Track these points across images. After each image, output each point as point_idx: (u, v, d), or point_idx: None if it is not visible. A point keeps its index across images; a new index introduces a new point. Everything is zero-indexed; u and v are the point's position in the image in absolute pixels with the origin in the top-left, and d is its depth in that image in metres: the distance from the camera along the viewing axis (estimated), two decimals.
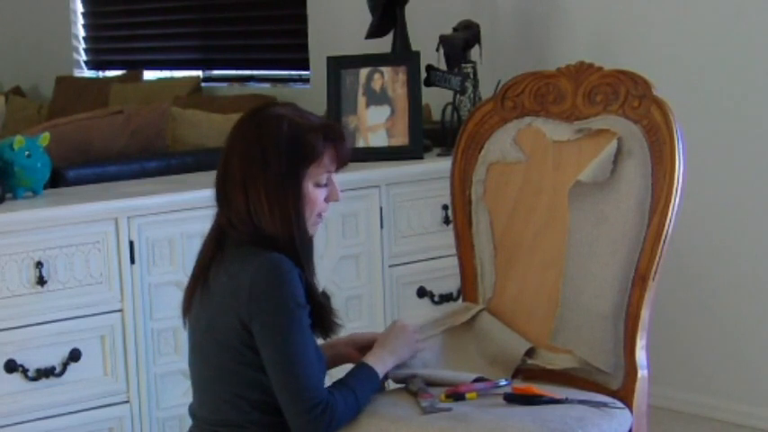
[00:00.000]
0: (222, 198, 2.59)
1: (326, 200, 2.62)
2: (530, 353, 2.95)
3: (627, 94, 2.90)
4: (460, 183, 3.09)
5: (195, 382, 2.66)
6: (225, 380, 2.56)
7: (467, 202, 3.08)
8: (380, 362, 2.70)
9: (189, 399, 2.69)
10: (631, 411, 2.77)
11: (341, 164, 2.62)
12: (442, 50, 4.45)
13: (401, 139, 4.25)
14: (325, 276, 3.93)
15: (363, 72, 4.30)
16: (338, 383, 2.61)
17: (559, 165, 2.97)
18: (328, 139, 2.58)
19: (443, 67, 4.41)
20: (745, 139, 4.19)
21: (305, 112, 2.63)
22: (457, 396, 2.71)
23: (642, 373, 2.81)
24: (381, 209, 4.03)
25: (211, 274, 2.59)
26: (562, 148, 2.97)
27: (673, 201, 2.79)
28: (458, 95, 4.38)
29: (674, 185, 2.78)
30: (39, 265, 3.35)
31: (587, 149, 2.92)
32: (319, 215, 2.62)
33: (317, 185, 2.58)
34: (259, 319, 2.49)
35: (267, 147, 2.53)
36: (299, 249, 2.55)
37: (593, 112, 2.96)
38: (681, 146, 2.81)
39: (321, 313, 2.61)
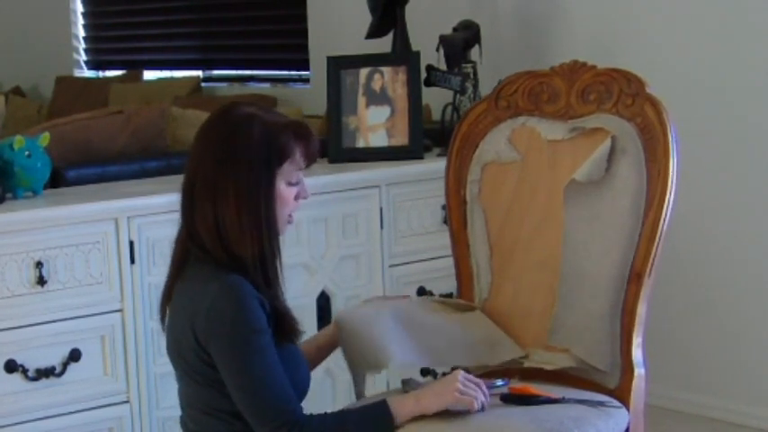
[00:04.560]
0: (188, 208, 2.53)
1: (296, 198, 2.57)
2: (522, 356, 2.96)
3: (620, 92, 2.91)
4: (455, 183, 3.09)
5: (179, 395, 2.64)
6: (201, 396, 2.54)
7: (462, 203, 3.08)
8: (406, 405, 2.51)
9: None
10: (628, 410, 2.78)
11: (311, 161, 2.59)
12: (442, 50, 4.45)
13: (401, 139, 4.26)
14: (326, 276, 3.95)
15: (363, 72, 4.30)
16: (338, 412, 2.55)
17: (554, 164, 2.97)
18: (299, 136, 2.54)
19: (443, 67, 4.41)
20: (742, 137, 4.19)
21: (270, 109, 2.61)
22: None
23: (639, 371, 2.81)
24: (381, 209, 4.03)
25: (176, 291, 2.57)
26: (557, 148, 2.97)
27: (667, 198, 2.79)
28: (458, 95, 4.38)
29: (668, 183, 2.79)
30: (39, 265, 3.36)
31: (582, 148, 2.92)
32: (290, 215, 2.58)
33: (289, 184, 2.55)
34: (215, 344, 2.46)
35: (239, 148, 2.48)
36: (267, 264, 2.50)
37: (587, 110, 2.96)
38: (674, 144, 2.81)
39: (286, 326, 2.55)
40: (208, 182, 2.49)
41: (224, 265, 2.48)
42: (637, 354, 2.82)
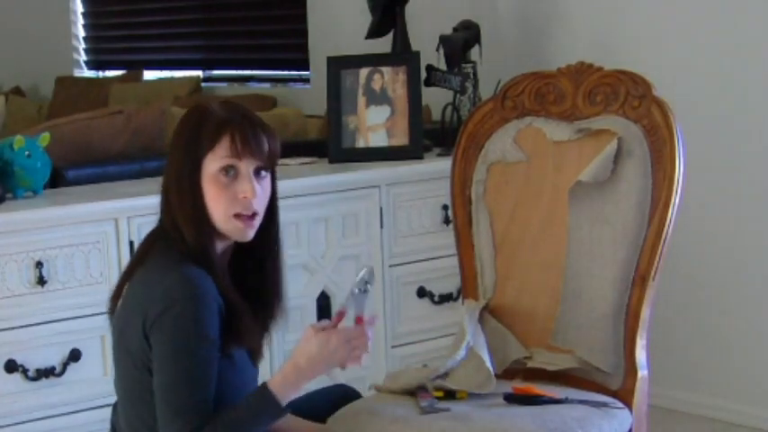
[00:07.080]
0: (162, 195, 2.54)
1: (241, 196, 2.45)
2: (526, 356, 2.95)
3: (627, 94, 2.91)
4: (461, 182, 3.09)
5: (117, 393, 2.54)
6: (138, 395, 2.44)
7: (467, 202, 3.08)
8: (288, 385, 2.42)
9: None
10: (631, 411, 2.78)
11: (238, 155, 2.43)
12: (441, 50, 4.45)
13: (401, 139, 4.25)
14: (326, 276, 3.94)
15: (363, 72, 4.30)
16: (227, 414, 2.39)
17: (560, 165, 2.97)
18: (226, 126, 2.44)
19: (443, 67, 4.41)
20: (746, 139, 4.19)
21: (239, 108, 2.52)
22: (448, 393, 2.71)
23: (642, 373, 2.81)
24: (381, 209, 4.03)
25: (133, 279, 2.49)
26: (562, 149, 2.97)
27: (673, 201, 2.79)
28: (458, 95, 4.38)
29: (674, 185, 2.79)
30: (39, 265, 3.35)
31: (587, 149, 2.92)
32: (238, 216, 2.46)
33: (224, 175, 2.44)
34: (158, 331, 2.38)
35: (176, 135, 2.50)
36: (207, 252, 2.44)
37: (594, 112, 2.96)
38: (681, 146, 2.82)
39: (233, 323, 2.45)
40: (164, 170, 2.52)
41: (186, 255, 2.44)
42: (640, 356, 2.82)
